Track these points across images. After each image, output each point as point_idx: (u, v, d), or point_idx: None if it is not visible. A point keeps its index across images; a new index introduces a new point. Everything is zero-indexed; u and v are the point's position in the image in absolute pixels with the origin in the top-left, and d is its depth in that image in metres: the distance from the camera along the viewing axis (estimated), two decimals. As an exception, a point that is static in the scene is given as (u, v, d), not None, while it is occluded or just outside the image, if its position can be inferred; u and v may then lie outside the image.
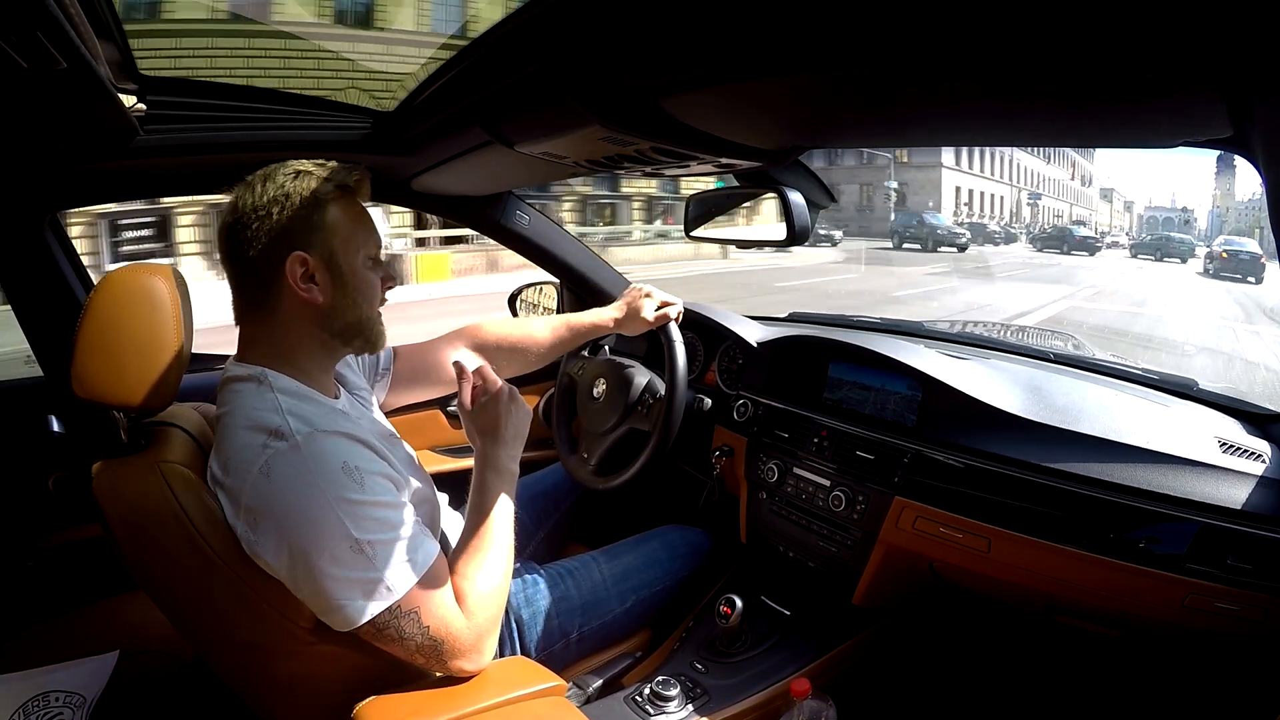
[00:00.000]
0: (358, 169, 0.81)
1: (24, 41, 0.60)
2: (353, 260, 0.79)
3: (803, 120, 0.83)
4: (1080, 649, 1.14)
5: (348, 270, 0.78)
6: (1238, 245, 15.16)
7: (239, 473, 0.69)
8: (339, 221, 0.78)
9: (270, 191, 0.75)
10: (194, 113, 1.06)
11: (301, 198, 0.75)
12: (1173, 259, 18.88)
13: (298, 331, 0.78)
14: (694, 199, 1.27)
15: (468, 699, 0.74)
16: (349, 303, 0.79)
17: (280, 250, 0.75)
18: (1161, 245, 20.64)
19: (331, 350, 0.82)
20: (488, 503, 0.83)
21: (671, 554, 1.20)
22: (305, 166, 0.78)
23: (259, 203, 0.75)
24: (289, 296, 0.76)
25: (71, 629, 1.09)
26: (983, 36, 0.49)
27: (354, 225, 0.79)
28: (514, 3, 0.67)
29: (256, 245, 0.75)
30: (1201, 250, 18.90)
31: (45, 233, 1.19)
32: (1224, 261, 14.69)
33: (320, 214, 0.77)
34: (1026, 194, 30.89)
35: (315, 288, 0.76)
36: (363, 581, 0.68)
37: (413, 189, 1.37)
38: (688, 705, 0.98)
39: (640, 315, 1.20)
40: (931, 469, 1.01)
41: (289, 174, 0.77)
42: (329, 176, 0.78)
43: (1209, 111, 0.54)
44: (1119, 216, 37.16)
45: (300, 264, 0.75)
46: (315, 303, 0.77)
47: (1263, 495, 0.81)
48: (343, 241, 0.78)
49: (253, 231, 0.75)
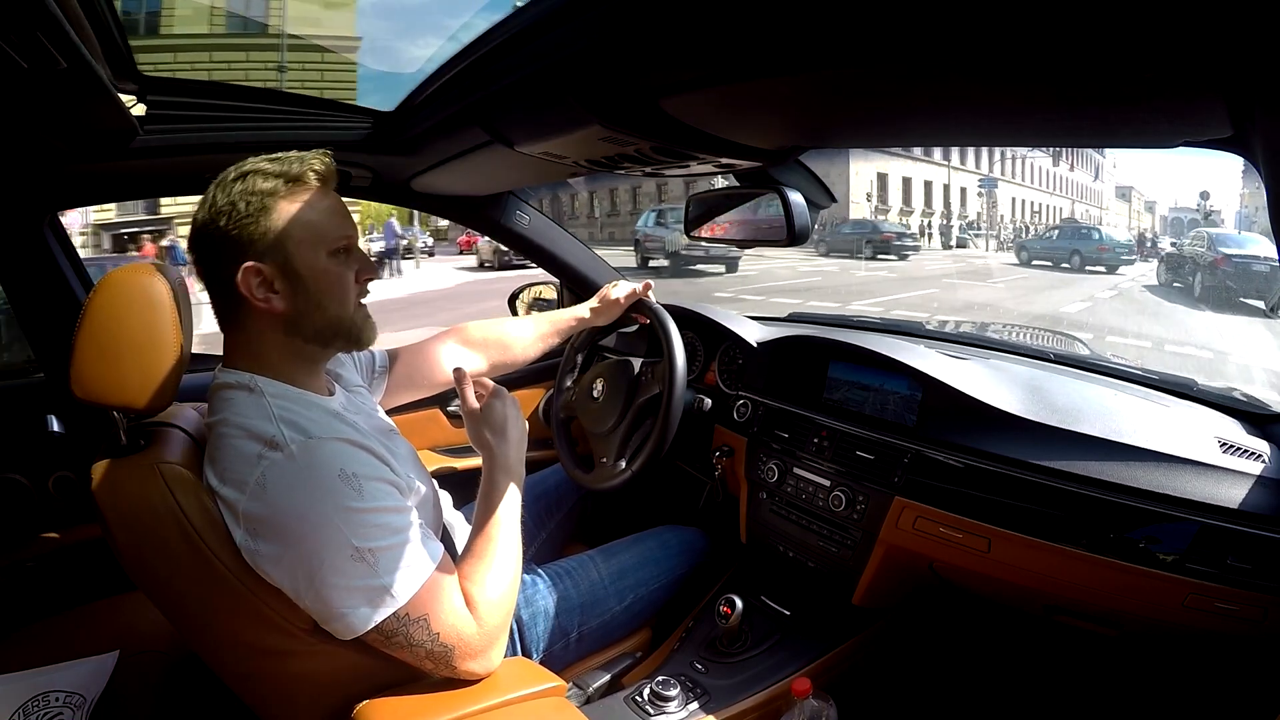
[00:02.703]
0: (314, 155, 0.74)
1: (24, 41, 0.60)
2: (312, 260, 0.73)
3: (803, 120, 0.83)
4: (1080, 649, 1.14)
5: (307, 273, 0.73)
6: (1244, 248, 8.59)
7: (236, 484, 0.68)
8: (292, 220, 0.72)
9: (219, 200, 0.72)
10: (194, 113, 1.07)
11: (247, 202, 0.71)
12: (1096, 268, 12.46)
13: (271, 341, 0.75)
14: (694, 199, 1.27)
15: (468, 699, 0.74)
16: (313, 306, 0.74)
17: (231, 264, 0.71)
18: (1064, 248, 13.15)
19: (311, 355, 0.78)
20: (497, 503, 0.83)
21: (667, 552, 1.20)
22: (252, 165, 0.73)
23: (209, 215, 0.72)
24: (251, 309, 0.73)
25: (71, 629, 1.08)
26: (983, 37, 0.49)
27: (311, 221, 0.73)
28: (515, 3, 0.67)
29: (213, 258, 0.72)
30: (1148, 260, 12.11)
31: (45, 233, 1.19)
32: (1220, 273, 8.73)
33: (267, 217, 0.71)
34: (978, 181, 22.08)
35: (275, 296, 0.72)
36: (366, 589, 0.67)
37: (413, 189, 1.37)
38: (688, 705, 0.98)
39: (610, 299, 1.30)
40: (931, 469, 1.01)
41: (236, 176, 0.72)
42: (277, 171, 0.72)
43: (1209, 112, 0.54)
44: (1140, 218, 29.42)
45: (254, 275, 0.71)
46: (276, 312, 0.73)
47: (1263, 495, 0.81)
48: (298, 243, 0.72)
49: (208, 245, 0.72)
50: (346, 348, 0.81)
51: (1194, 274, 9.52)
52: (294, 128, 1.13)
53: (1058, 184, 28.80)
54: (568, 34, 0.66)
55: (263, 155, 0.74)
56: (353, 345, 0.80)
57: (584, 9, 0.63)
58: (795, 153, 1.00)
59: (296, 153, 0.75)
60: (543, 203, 25.16)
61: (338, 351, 0.82)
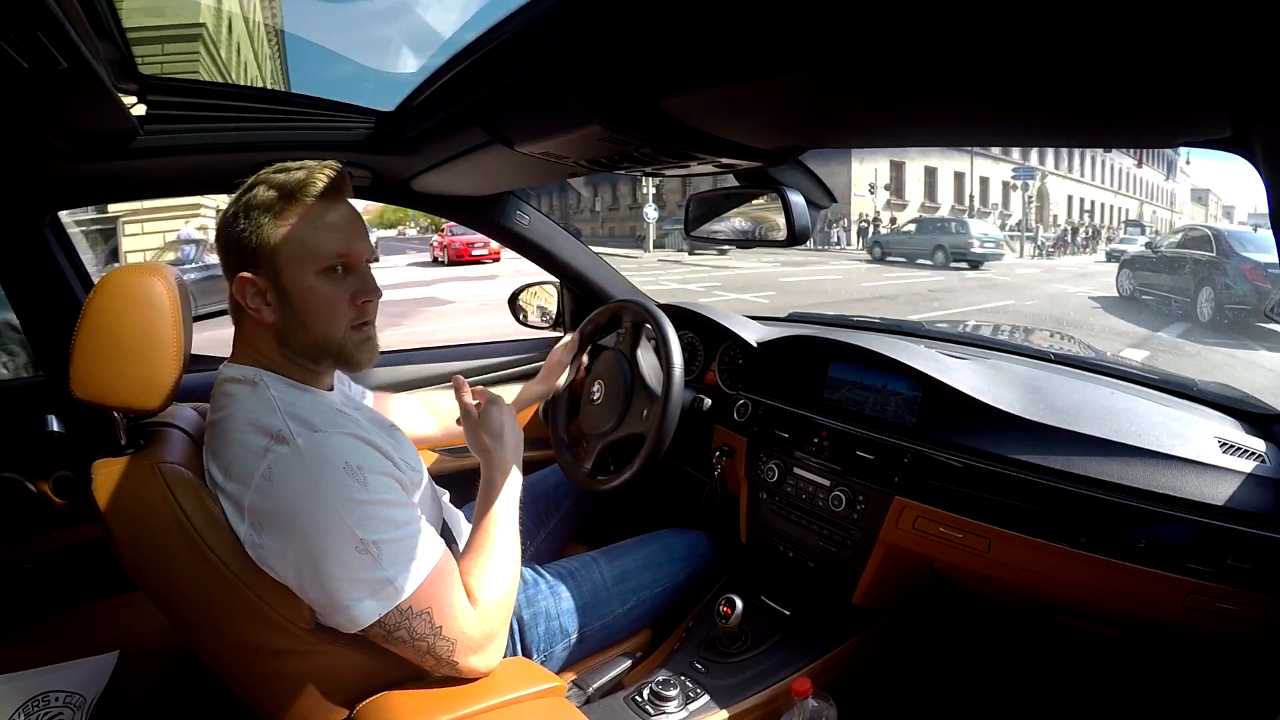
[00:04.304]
0: (323, 165, 0.74)
1: (24, 41, 0.60)
2: (299, 278, 0.72)
3: (803, 120, 0.83)
4: (1080, 649, 1.14)
5: (294, 290, 0.72)
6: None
7: (242, 478, 0.69)
8: (284, 237, 0.71)
9: (231, 207, 0.74)
10: (194, 113, 1.06)
11: (247, 214, 0.72)
12: (960, 264, 12.35)
13: (269, 345, 0.76)
14: (694, 199, 1.27)
15: (468, 699, 0.74)
16: (298, 324, 0.74)
17: (230, 270, 0.74)
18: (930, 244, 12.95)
19: (305, 366, 0.78)
20: (496, 504, 0.84)
21: (671, 556, 1.20)
22: (263, 174, 0.74)
23: (222, 219, 0.75)
24: (247, 315, 0.75)
25: (71, 629, 1.08)
26: (982, 38, 0.49)
27: (303, 238, 0.72)
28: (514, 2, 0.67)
29: (224, 260, 0.75)
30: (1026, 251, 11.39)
31: (45, 233, 1.19)
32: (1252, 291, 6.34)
33: (262, 231, 0.71)
34: (1013, 171, 19.40)
35: (266, 309, 0.73)
36: (370, 582, 0.68)
37: (413, 189, 1.37)
38: (688, 705, 0.98)
39: (555, 361, 1.31)
40: (931, 469, 1.01)
41: (250, 184, 0.74)
42: (279, 183, 0.72)
43: (1209, 113, 0.54)
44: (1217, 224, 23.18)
45: (249, 285, 0.72)
46: (265, 323, 0.74)
47: (1263, 495, 0.81)
48: (287, 259, 0.71)
49: (220, 247, 0.75)
50: (335, 368, 0.80)
51: (1198, 287, 6.97)
52: (294, 128, 1.13)
53: (1123, 180, 24.61)
54: (568, 34, 0.66)
55: (276, 164, 0.76)
56: (344, 366, 0.79)
57: (584, 9, 0.63)
58: (795, 153, 1.00)
59: (309, 162, 0.74)
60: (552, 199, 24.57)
61: (330, 370, 0.81)
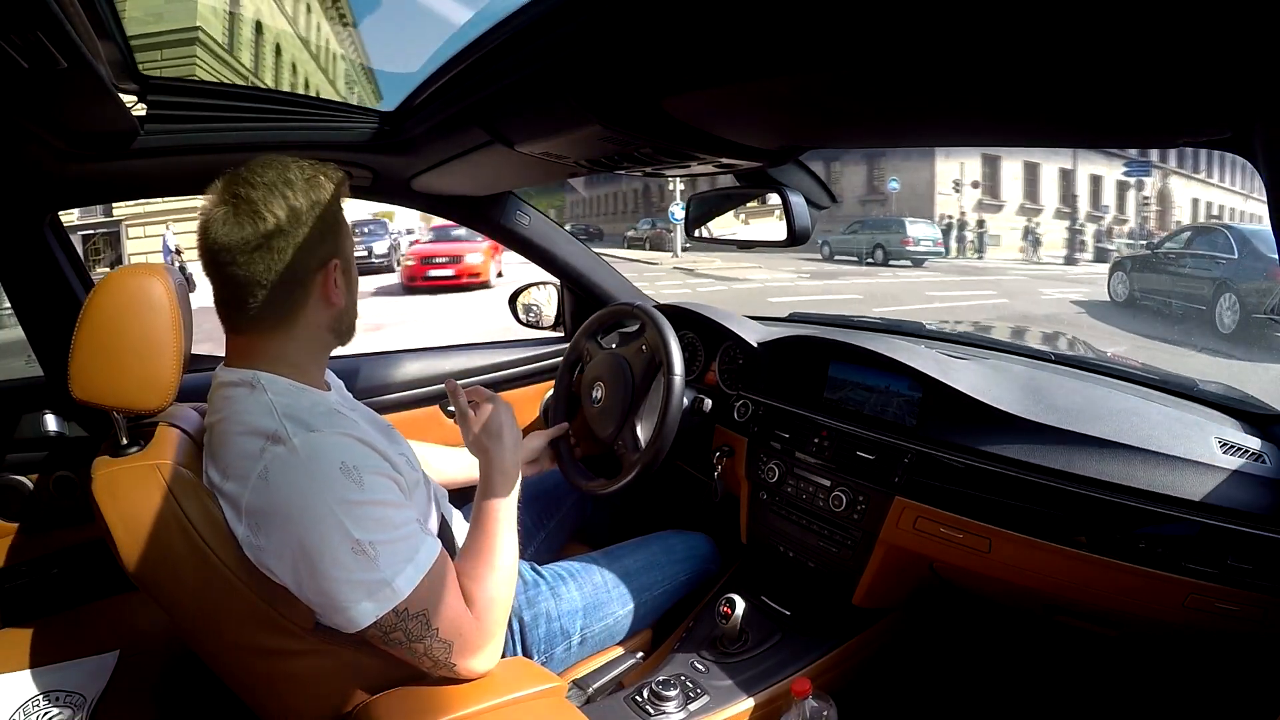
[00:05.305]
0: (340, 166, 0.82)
1: (24, 41, 0.60)
2: (351, 250, 0.81)
3: (803, 120, 0.83)
4: (1080, 649, 1.14)
5: (349, 264, 0.80)
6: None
7: (239, 478, 0.69)
8: (346, 222, 0.79)
9: (294, 202, 0.72)
10: (194, 113, 1.07)
11: (325, 204, 0.75)
12: (900, 262, 12.29)
13: (309, 335, 0.78)
14: (694, 199, 1.27)
15: (468, 699, 0.74)
16: (353, 299, 0.82)
17: (312, 261, 0.74)
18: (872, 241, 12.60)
19: (329, 347, 0.83)
20: (495, 505, 0.84)
21: (672, 557, 1.20)
22: (310, 171, 0.75)
23: (283, 217, 0.71)
24: (313, 304, 0.76)
25: (71, 629, 1.08)
26: (982, 38, 0.49)
27: (341, 210, 0.80)
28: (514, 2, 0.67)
29: (282, 260, 0.71)
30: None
31: (45, 233, 1.19)
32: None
33: (339, 217, 0.78)
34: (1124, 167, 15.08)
35: (338, 291, 0.78)
36: (366, 583, 0.68)
37: (413, 189, 1.37)
38: (688, 705, 0.98)
39: (530, 446, 1.20)
40: (932, 469, 1.01)
41: (304, 177, 0.74)
42: (337, 180, 0.78)
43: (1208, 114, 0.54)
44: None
45: (336, 269, 0.77)
46: (338, 306, 0.79)
47: (1263, 495, 0.81)
48: (348, 241, 0.80)
49: (280, 247, 0.71)
50: (344, 341, 0.85)
51: (1218, 294, 6.23)
52: (294, 128, 1.13)
53: (1255, 183, 19.27)
54: (568, 34, 0.66)
55: (304, 162, 0.76)
56: (349, 339, 0.84)
57: (584, 9, 0.63)
58: (795, 153, 1.00)
59: (332, 162, 0.80)
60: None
61: (339, 344, 0.85)
